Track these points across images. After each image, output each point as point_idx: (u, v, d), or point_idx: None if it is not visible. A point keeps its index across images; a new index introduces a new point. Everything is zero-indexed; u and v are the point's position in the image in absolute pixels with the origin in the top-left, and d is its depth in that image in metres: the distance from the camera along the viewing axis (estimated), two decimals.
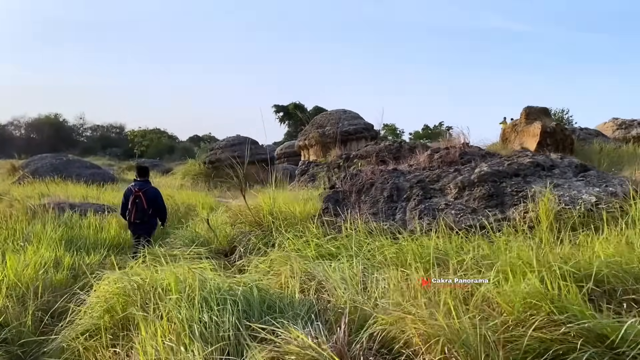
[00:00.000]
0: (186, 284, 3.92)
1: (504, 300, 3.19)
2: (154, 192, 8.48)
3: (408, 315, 3.14)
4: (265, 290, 3.96)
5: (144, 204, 8.17)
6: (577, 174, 7.26)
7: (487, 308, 3.27)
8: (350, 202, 7.54)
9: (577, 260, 3.99)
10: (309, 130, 25.81)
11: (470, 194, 6.85)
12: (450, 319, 3.02)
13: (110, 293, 4.31)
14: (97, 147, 66.75)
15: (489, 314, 3.19)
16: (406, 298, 3.60)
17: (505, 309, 3.17)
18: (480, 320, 3.03)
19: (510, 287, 3.33)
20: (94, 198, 15.94)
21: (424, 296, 3.66)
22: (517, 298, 3.18)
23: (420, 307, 3.16)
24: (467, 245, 4.99)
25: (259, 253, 6.56)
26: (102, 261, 8.23)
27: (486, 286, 3.49)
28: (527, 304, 3.15)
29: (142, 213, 8.20)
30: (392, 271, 4.31)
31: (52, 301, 5.85)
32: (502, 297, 3.23)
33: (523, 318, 3.05)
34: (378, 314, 3.33)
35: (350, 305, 3.66)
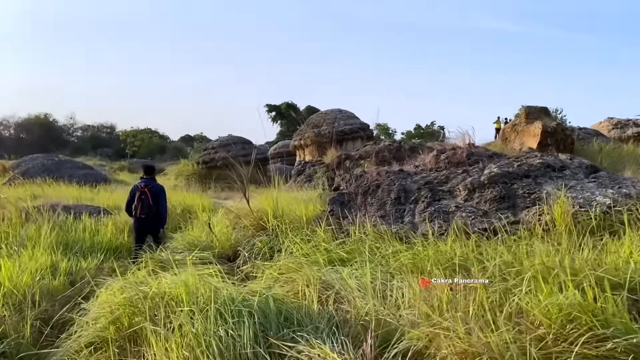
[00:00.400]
0: (198, 295, 3.70)
1: (540, 312, 3.00)
2: (158, 188, 8.81)
3: (441, 330, 2.95)
4: (281, 301, 3.75)
5: (149, 200, 8.50)
6: (588, 175, 7.11)
7: (523, 320, 3.07)
8: (356, 204, 7.34)
9: (605, 266, 3.81)
10: (304, 130, 25.60)
11: (481, 196, 6.68)
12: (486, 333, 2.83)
13: (116, 304, 4.07)
14: (87, 147, 66.19)
15: (525, 326, 3.00)
16: (433, 308, 3.41)
17: (542, 322, 2.98)
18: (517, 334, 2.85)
19: (545, 297, 3.14)
20: (88, 199, 15.64)
21: (450, 306, 3.48)
22: (554, 310, 3.00)
23: (455, 321, 2.96)
24: (486, 251, 4.81)
25: (264, 258, 6.35)
26: (99, 265, 7.98)
27: (517, 295, 3.31)
28: (565, 316, 2.97)
29: (148, 209, 8.51)
30: (412, 279, 4.13)
31: (50, 310, 5.60)
32: (538, 308, 3.04)
33: (563, 332, 2.87)
34: (407, 329, 3.13)
35: (373, 317, 3.46)
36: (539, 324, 3.02)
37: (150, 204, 8.51)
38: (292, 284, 4.50)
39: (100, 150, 66.52)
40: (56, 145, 57.86)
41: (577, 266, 3.77)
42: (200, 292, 3.72)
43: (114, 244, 9.33)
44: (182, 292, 3.72)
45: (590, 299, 3.01)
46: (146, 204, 8.53)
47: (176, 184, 27.99)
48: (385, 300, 3.85)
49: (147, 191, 8.57)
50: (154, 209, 8.53)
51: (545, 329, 2.93)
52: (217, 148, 34.27)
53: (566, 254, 4.28)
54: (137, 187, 8.78)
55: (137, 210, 8.57)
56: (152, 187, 8.70)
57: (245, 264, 6.37)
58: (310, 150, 24.33)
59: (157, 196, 8.60)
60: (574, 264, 3.95)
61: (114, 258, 8.48)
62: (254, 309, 3.43)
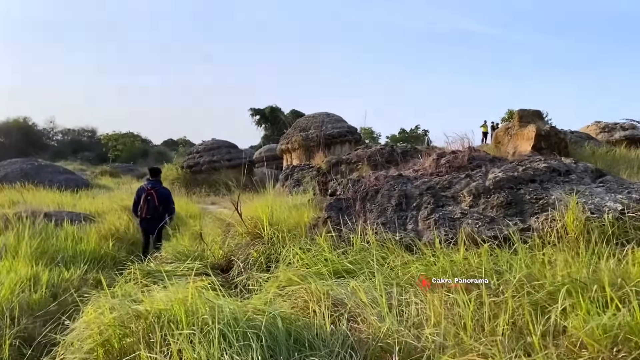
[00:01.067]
0: (198, 314, 3.33)
1: (585, 334, 2.70)
2: (165, 191, 9.48)
3: (477, 356, 2.63)
4: (290, 320, 3.40)
5: (155, 202, 8.98)
6: (595, 179, 6.88)
7: (563, 342, 2.77)
8: (355, 210, 7.02)
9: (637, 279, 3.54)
10: (291, 133, 25.26)
11: (487, 202, 6.40)
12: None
13: (105, 324, 3.67)
14: (68, 152, 65.12)
15: (566, 349, 2.70)
16: (458, 327, 3.10)
17: (587, 344, 2.67)
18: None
19: (585, 315, 2.84)
20: (70, 205, 15.13)
21: (476, 324, 3.17)
22: (599, 330, 2.70)
23: (492, 345, 2.64)
24: (503, 261, 4.53)
25: (260, 269, 6.00)
26: (83, 276, 7.56)
27: (553, 312, 3.00)
28: (612, 337, 2.67)
29: (154, 210, 8.99)
30: (428, 293, 3.81)
31: (30, 327, 5.20)
32: (582, 329, 2.74)
33: (612, 356, 2.57)
34: (435, 352, 2.81)
35: (393, 339, 3.14)
36: (582, 346, 2.72)
37: (156, 205, 8.92)
38: (297, 299, 4.15)
39: (81, 155, 65.49)
40: (35, 150, 56.76)
41: (607, 278, 3.49)
42: (200, 311, 3.36)
43: (98, 252, 8.90)
44: (181, 311, 3.35)
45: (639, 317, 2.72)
46: (152, 205, 8.94)
47: None
48: (403, 318, 3.52)
49: (153, 193, 9.01)
50: (160, 210, 8.91)
51: (591, 353, 2.63)
52: (201, 152, 33.84)
53: (588, 265, 4.01)
54: (143, 188, 9.24)
55: (142, 211, 8.99)
56: (158, 190, 9.18)
57: (240, 275, 6.01)
58: (298, 154, 23.99)
59: (164, 198, 9.10)
60: (602, 275, 3.67)
61: (98, 268, 8.06)
62: (261, 331, 3.08)
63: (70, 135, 75.92)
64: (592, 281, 3.54)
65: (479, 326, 3.20)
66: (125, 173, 46.60)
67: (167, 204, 9.17)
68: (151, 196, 8.99)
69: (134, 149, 69.38)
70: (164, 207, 9.05)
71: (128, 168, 51.39)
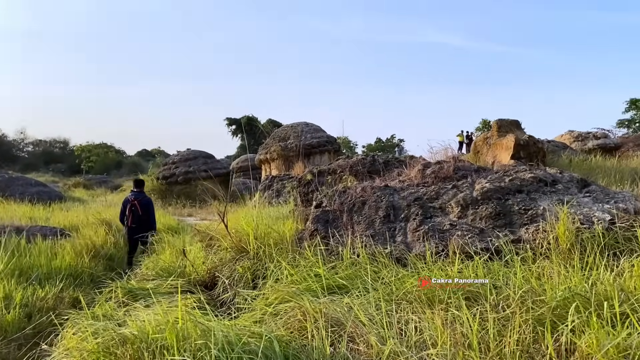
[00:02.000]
0: (191, 339, 3.13)
1: (596, 352, 2.60)
2: (147, 201, 10.27)
3: None
4: (286, 343, 3.22)
5: (139, 211, 9.78)
6: (581, 189, 6.88)
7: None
8: (342, 222, 6.87)
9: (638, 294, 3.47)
10: (270, 143, 25.03)
11: (475, 213, 6.32)
12: None
13: (88, 351, 3.44)
14: (39, 163, 63.62)
15: None
16: (464, 347, 2.97)
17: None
18: None
19: (597, 333, 2.74)
20: (43, 219, 14.63)
21: (481, 341, 3.05)
22: (612, 350, 2.60)
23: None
24: (497, 274, 4.44)
25: (247, 285, 5.80)
26: (59, 295, 7.25)
27: (562, 330, 2.90)
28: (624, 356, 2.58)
29: (138, 218, 9.78)
30: (427, 311, 3.69)
31: (4, 352, 4.91)
32: (595, 348, 2.64)
33: None
34: None
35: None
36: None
37: (139, 214, 9.72)
38: (290, 319, 3.98)
39: (53, 166, 64.13)
40: (5, 161, 55.35)
41: (613, 294, 3.41)
42: (192, 335, 3.16)
43: (74, 269, 8.55)
44: (172, 336, 3.15)
45: None
46: (136, 215, 9.74)
47: None
48: (403, 337, 3.38)
49: (136, 203, 9.82)
50: (144, 218, 9.72)
51: None
52: (177, 163, 33.38)
53: (587, 278, 3.94)
54: (128, 200, 10.03)
55: (128, 220, 9.80)
56: (142, 200, 9.99)
57: (226, 292, 5.80)
58: (277, 165, 23.76)
59: (146, 207, 9.93)
60: (602, 289, 3.60)
61: (75, 285, 7.75)
62: (258, 357, 2.89)
63: (42, 147, 74.26)
64: (595, 296, 3.47)
65: (485, 345, 3.08)
66: (100, 185, 45.72)
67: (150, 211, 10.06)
68: (135, 207, 9.76)
69: (108, 160, 68.25)
70: (147, 216, 9.86)
71: (102, 179, 50.43)
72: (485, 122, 64.55)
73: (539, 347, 3.04)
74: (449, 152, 8.84)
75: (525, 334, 3.10)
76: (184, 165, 32.30)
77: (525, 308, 3.43)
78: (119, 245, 10.91)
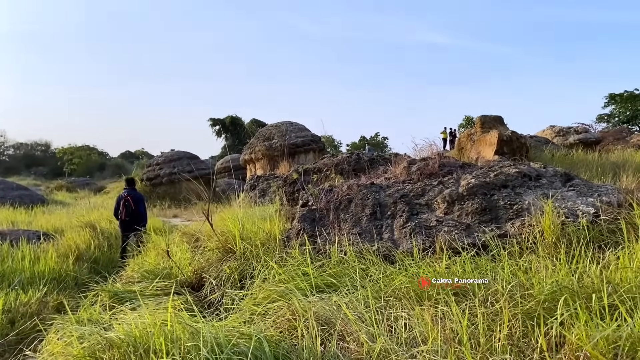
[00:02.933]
0: (179, 341, 3.08)
1: (593, 350, 2.60)
2: (139, 196, 11.42)
3: None
4: (276, 343, 3.19)
5: (131, 205, 10.84)
6: (565, 183, 6.93)
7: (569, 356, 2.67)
8: (329, 221, 6.86)
9: (628, 285, 3.49)
10: (254, 143, 24.92)
11: (462, 209, 6.35)
12: None
13: (74, 356, 3.38)
14: (20, 167, 62.73)
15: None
16: (454, 343, 2.97)
17: (593, 356, 2.58)
18: None
19: (585, 325, 2.75)
20: (25, 223, 14.42)
21: (472, 337, 3.05)
22: (602, 342, 2.61)
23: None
24: (484, 269, 4.45)
25: (234, 285, 5.75)
26: (42, 299, 7.13)
27: (552, 324, 2.91)
28: (614, 349, 2.59)
29: (131, 212, 10.79)
30: (416, 307, 3.68)
31: None
32: (585, 341, 2.64)
33: None
34: None
35: (387, 358, 2.98)
36: (585, 358, 2.62)
37: (132, 209, 10.77)
38: (278, 318, 3.94)
39: (34, 169, 63.24)
40: None
41: (601, 286, 3.44)
42: (182, 338, 3.11)
43: (57, 273, 8.42)
44: (160, 339, 3.10)
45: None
46: (129, 209, 10.77)
47: None
48: (393, 335, 3.37)
49: (129, 198, 10.87)
50: (136, 213, 10.78)
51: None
52: (161, 164, 33.09)
53: (573, 272, 3.96)
54: (121, 196, 11.13)
55: (121, 214, 10.82)
56: (134, 196, 11.11)
57: (213, 292, 5.75)
58: (262, 164, 23.67)
59: (138, 202, 11.00)
60: (589, 282, 3.63)
61: (59, 290, 7.63)
62: (248, 357, 2.86)
63: (23, 150, 73.27)
64: (582, 289, 3.49)
65: (475, 340, 3.08)
66: (82, 187, 45.15)
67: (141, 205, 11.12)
68: (128, 201, 10.79)
69: (91, 162, 67.49)
70: (139, 210, 10.93)
71: (85, 182, 49.86)
72: (468, 118, 64.99)
73: (529, 341, 3.05)
74: (433, 149, 8.84)
75: (515, 328, 3.10)
76: (168, 166, 32.03)
77: (513, 302, 3.44)
78: (103, 249, 10.79)
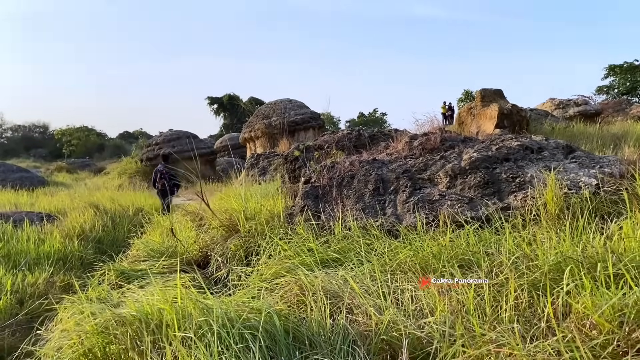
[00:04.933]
0: (188, 316, 3.13)
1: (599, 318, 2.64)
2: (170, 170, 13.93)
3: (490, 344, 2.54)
4: (285, 317, 3.24)
5: (166, 178, 13.59)
6: (567, 155, 6.95)
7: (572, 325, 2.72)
8: (332, 197, 6.89)
9: (631, 255, 3.52)
10: (254, 121, 24.82)
11: (464, 183, 6.37)
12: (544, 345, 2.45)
13: (86, 332, 3.43)
14: (19, 149, 62.62)
15: (580, 331, 2.64)
16: (460, 314, 3.02)
17: (599, 325, 2.62)
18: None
19: (591, 295, 2.79)
20: (27, 205, 14.46)
21: (479, 308, 3.10)
22: (608, 311, 2.65)
23: (507, 333, 2.56)
24: (488, 242, 4.49)
25: (240, 262, 5.81)
26: (49, 279, 7.20)
27: (557, 294, 2.96)
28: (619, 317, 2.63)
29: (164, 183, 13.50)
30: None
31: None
32: (591, 309, 2.68)
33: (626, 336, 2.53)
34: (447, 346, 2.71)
35: (395, 330, 3.03)
36: (591, 327, 2.67)
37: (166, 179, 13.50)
38: (286, 293, 4.00)
39: (33, 151, 63.14)
40: None
41: (606, 256, 3.48)
42: (193, 314, 3.16)
43: (63, 253, 8.48)
44: (172, 314, 3.14)
45: None
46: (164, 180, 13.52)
47: (120, 182, 26.65)
48: (400, 307, 3.42)
49: (164, 171, 13.70)
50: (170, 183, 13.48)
51: (603, 333, 2.58)
52: (161, 144, 33.03)
53: (578, 242, 4.00)
54: (158, 170, 13.95)
55: (158, 185, 13.68)
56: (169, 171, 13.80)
57: (219, 270, 5.81)
58: (262, 142, 23.62)
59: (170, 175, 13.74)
60: (593, 252, 3.67)
61: (65, 270, 7.70)
62: (259, 332, 2.91)
63: (21, 132, 73.06)
64: (586, 259, 3.53)
65: (481, 311, 3.13)
66: (82, 168, 45.19)
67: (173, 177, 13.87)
68: (163, 175, 13.63)
69: (89, 143, 67.33)
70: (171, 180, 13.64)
71: (84, 163, 49.86)
72: (467, 92, 64.54)
73: (534, 310, 3.09)
74: (434, 124, 8.83)
75: (520, 299, 3.15)
76: (168, 146, 31.96)
77: (518, 273, 3.48)
78: (107, 228, 10.84)
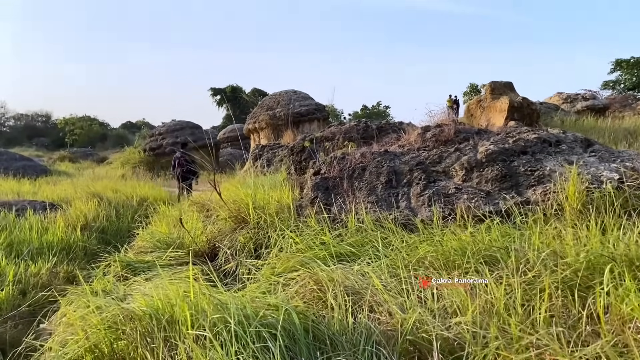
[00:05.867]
0: (201, 312, 2.95)
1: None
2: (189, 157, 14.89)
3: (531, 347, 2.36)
4: (305, 315, 3.05)
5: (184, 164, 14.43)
6: (586, 148, 6.74)
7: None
8: (342, 189, 6.70)
9: None
10: (258, 112, 24.59)
11: (481, 176, 6.18)
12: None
13: (92, 327, 3.25)
14: (22, 138, 62.51)
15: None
16: (491, 315, 2.84)
17: None
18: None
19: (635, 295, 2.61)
20: (30, 194, 14.30)
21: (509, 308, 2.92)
22: None
23: (550, 339, 2.38)
24: (510, 237, 4.31)
25: (249, 255, 5.63)
26: (52, 270, 7.03)
27: (603, 295, 2.77)
28: None
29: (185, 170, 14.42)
30: (445, 277, 3.55)
31: (0, 331, 4.73)
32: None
33: None
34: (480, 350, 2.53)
35: (422, 330, 2.85)
36: (638, 331, 2.48)
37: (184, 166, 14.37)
38: (301, 288, 3.81)
39: (36, 140, 63.05)
40: None
41: (632, 252, 3.30)
42: (208, 310, 2.97)
43: (66, 243, 8.31)
44: (185, 310, 2.96)
45: None
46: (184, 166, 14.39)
47: (123, 172, 26.46)
48: (424, 306, 3.24)
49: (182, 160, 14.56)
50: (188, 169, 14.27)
51: None
52: (164, 134, 32.83)
53: (607, 239, 3.82)
54: (176, 157, 15.08)
55: (177, 171, 14.69)
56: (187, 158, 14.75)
57: (228, 262, 5.63)
58: (266, 134, 23.41)
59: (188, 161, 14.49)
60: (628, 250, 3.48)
61: (69, 260, 7.53)
62: (278, 331, 2.72)
63: (24, 121, 72.89)
64: (620, 257, 3.34)
65: (511, 311, 2.94)
66: (85, 158, 45.05)
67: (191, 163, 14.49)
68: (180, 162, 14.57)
69: (92, 132, 67.15)
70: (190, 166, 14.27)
71: (87, 153, 49.72)
72: (473, 86, 64.09)
73: (568, 311, 2.91)
74: (448, 115, 8.63)
75: (555, 299, 2.96)
76: (171, 136, 31.74)
77: (549, 271, 3.29)
78: (111, 218, 10.67)
